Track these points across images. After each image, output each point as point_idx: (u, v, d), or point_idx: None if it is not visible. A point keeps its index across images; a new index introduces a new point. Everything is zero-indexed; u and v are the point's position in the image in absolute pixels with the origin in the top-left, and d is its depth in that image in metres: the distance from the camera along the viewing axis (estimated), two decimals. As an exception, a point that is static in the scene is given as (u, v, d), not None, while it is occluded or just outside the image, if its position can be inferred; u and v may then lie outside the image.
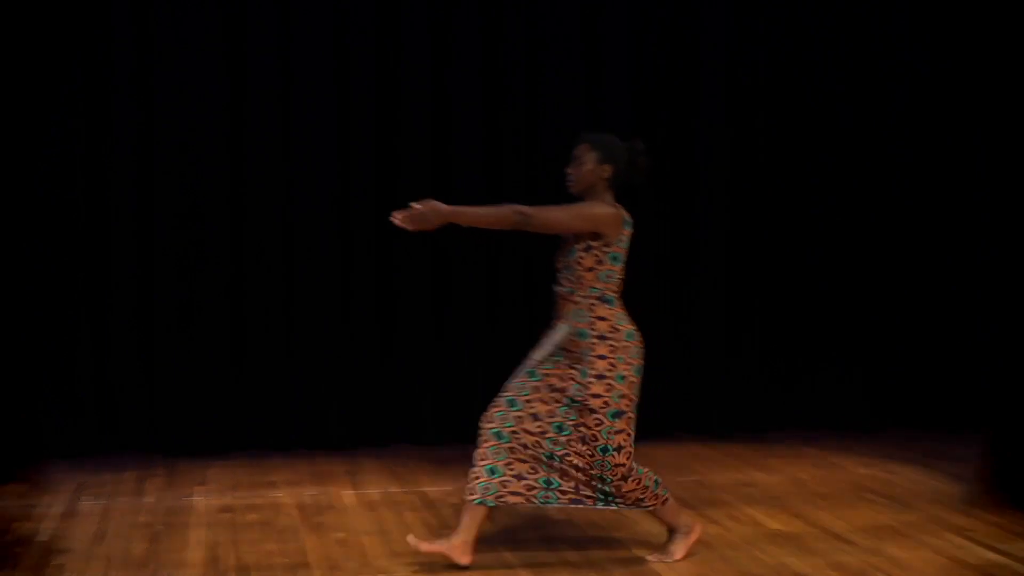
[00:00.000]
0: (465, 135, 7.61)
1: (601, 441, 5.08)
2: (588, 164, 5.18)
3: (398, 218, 5.03)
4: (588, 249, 5.12)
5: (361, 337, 7.55)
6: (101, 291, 7.39)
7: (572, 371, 5.12)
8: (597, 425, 5.07)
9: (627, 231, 5.20)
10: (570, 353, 5.14)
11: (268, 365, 7.48)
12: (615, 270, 5.17)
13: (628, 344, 5.12)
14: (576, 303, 5.14)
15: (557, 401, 5.13)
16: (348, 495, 6.46)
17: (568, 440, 5.11)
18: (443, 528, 5.66)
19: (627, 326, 5.16)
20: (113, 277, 7.40)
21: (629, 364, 5.12)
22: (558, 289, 5.21)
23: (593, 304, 5.12)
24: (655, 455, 7.31)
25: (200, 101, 7.39)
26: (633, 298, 7.68)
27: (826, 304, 7.94)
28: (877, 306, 7.97)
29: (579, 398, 5.09)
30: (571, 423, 5.11)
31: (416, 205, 5.01)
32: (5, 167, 7.25)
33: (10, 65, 7.22)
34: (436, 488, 6.53)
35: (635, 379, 5.14)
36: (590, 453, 5.09)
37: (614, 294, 5.18)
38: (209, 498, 6.41)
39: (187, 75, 7.37)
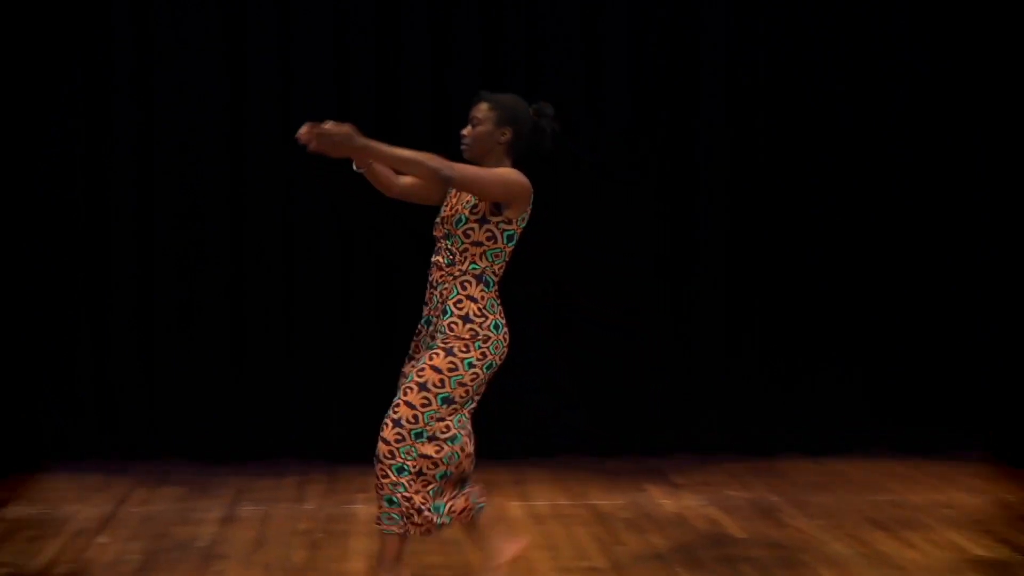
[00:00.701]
0: (465, 135, 7.60)
1: (419, 425, 4.44)
2: (485, 126, 4.58)
3: (303, 133, 4.32)
4: (483, 222, 4.53)
5: (361, 337, 7.54)
6: (101, 291, 7.40)
7: (428, 351, 4.57)
8: (423, 405, 4.45)
9: (529, 210, 4.61)
10: (434, 331, 4.60)
11: (268, 366, 7.48)
12: (505, 251, 4.58)
13: (490, 335, 4.51)
14: (453, 277, 4.55)
15: None
16: (515, 506, 6.24)
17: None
18: (615, 544, 5.49)
19: (496, 316, 4.55)
20: (113, 277, 7.40)
21: (483, 355, 4.49)
22: (435, 259, 4.62)
23: (468, 281, 4.53)
24: (841, 471, 7.03)
25: (200, 101, 7.39)
26: (633, 298, 7.84)
27: (826, 304, 7.93)
28: (877, 306, 7.96)
29: (417, 368, 4.51)
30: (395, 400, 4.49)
31: (329, 124, 4.29)
32: (5, 167, 7.26)
33: (10, 65, 7.22)
34: (607, 501, 6.22)
35: (482, 374, 4.51)
36: (400, 437, 4.43)
37: (495, 277, 4.58)
38: (370, 506, 6.05)
39: (187, 75, 7.37)
